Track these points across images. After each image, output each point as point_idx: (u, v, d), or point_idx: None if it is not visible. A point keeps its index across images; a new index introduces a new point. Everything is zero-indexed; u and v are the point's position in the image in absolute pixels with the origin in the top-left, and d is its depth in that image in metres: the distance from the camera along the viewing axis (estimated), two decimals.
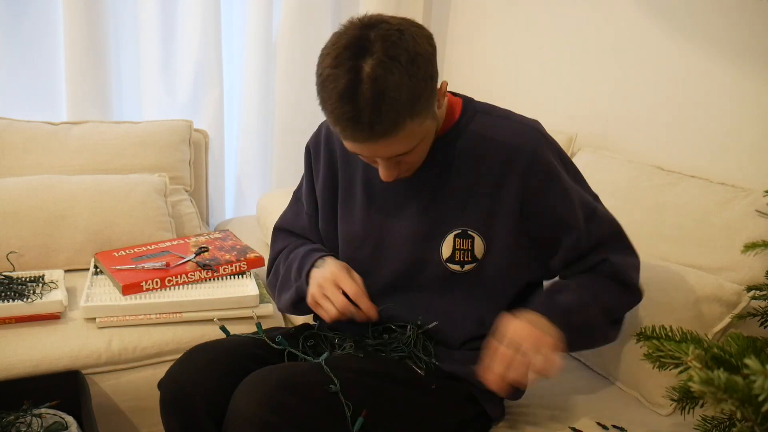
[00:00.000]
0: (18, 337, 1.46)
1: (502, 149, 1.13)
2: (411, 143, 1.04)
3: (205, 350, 1.17)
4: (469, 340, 1.20)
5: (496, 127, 1.15)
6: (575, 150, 1.90)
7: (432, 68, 1.00)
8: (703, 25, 1.62)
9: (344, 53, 0.97)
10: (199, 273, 1.64)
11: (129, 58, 2.22)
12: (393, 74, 0.95)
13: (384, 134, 0.98)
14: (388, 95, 0.95)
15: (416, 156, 1.09)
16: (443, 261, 1.17)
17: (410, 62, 0.96)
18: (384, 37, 0.96)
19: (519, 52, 2.21)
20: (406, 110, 0.97)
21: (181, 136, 2.10)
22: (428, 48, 1.00)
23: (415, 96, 0.97)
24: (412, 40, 0.97)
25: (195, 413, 1.09)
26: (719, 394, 0.64)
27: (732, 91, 1.57)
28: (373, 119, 0.96)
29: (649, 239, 1.50)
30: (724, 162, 1.59)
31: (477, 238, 1.16)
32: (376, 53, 0.95)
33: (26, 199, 1.74)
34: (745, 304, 1.31)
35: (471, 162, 1.14)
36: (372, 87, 0.95)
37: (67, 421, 1.33)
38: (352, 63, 0.96)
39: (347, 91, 0.96)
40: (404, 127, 0.99)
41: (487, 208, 1.14)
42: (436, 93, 1.04)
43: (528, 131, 1.14)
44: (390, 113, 0.96)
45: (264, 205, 2.19)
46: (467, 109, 1.17)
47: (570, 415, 1.26)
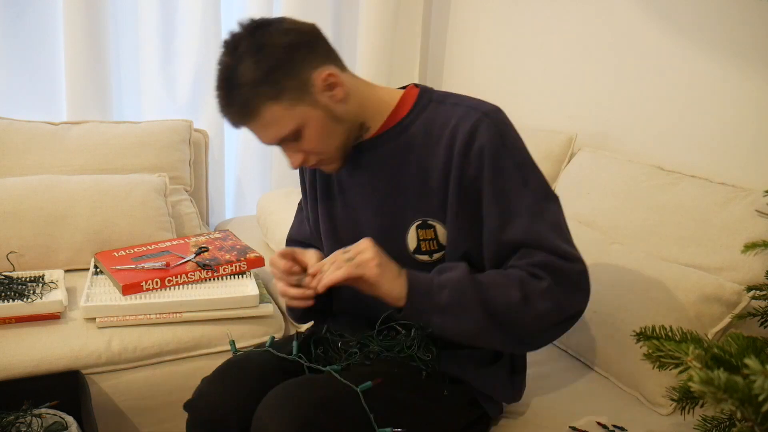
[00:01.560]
0: (18, 337, 1.46)
1: (446, 134, 1.12)
2: (283, 129, 1.08)
3: (234, 367, 1.14)
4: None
5: (445, 113, 1.14)
6: (575, 150, 1.90)
7: (284, 56, 1.06)
8: (703, 25, 1.62)
9: (223, 49, 1.09)
10: (199, 273, 1.64)
11: (129, 59, 2.22)
12: (241, 63, 1.05)
13: (241, 118, 1.08)
14: (234, 81, 1.05)
15: (312, 143, 1.11)
16: (411, 253, 1.17)
17: (255, 52, 1.04)
18: (247, 31, 1.07)
19: (519, 52, 2.21)
20: (251, 94, 1.05)
21: (181, 136, 2.10)
22: (282, 39, 1.06)
23: (257, 81, 1.04)
24: (267, 34, 1.06)
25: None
26: (719, 394, 0.64)
27: (732, 91, 1.57)
28: (226, 104, 1.08)
29: (649, 239, 1.50)
30: (724, 162, 1.59)
31: (438, 225, 1.15)
32: (239, 48, 1.06)
33: (26, 199, 1.74)
34: (745, 304, 1.31)
35: (423, 150, 1.14)
36: (227, 76, 1.06)
37: (67, 421, 1.33)
38: (223, 59, 1.08)
39: (217, 83, 1.09)
40: (260, 111, 1.06)
41: (441, 194, 1.13)
42: (306, 81, 1.07)
43: (471, 114, 1.10)
44: (237, 98, 1.06)
45: (264, 205, 2.19)
46: (421, 99, 1.17)
47: (570, 415, 1.26)
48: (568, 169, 1.84)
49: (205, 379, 1.14)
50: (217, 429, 1.08)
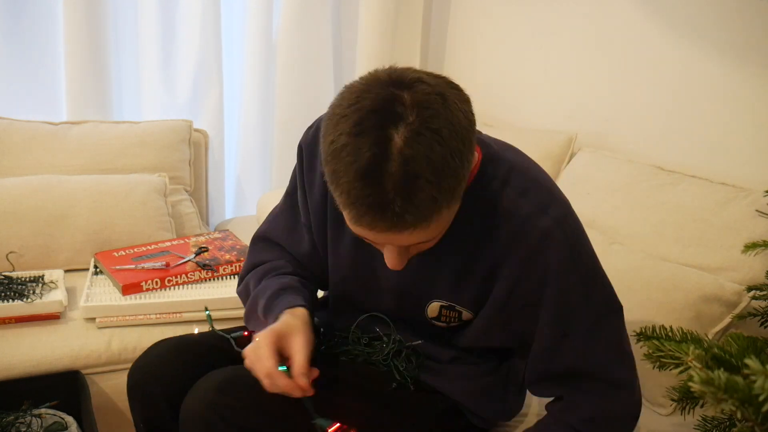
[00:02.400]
0: (18, 337, 1.46)
1: (509, 229, 0.94)
2: (438, 231, 0.86)
3: (167, 343, 1.17)
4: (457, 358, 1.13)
5: (509, 202, 0.95)
6: (575, 150, 1.90)
7: (472, 146, 0.81)
8: (704, 25, 1.62)
9: (369, 118, 0.76)
10: (199, 273, 1.64)
11: (129, 58, 2.22)
12: (434, 152, 0.75)
13: (414, 225, 0.79)
14: (426, 178, 0.75)
15: (432, 244, 0.91)
16: (428, 318, 1.07)
17: (454, 136, 0.76)
18: (421, 101, 0.77)
19: (519, 52, 2.21)
20: (444, 196, 0.78)
21: (181, 136, 2.10)
22: (471, 115, 0.82)
23: (457, 179, 0.78)
24: (454, 106, 0.79)
25: (154, 403, 1.11)
26: (719, 394, 0.64)
27: (732, 91, 1.57)
28: (404, 208, 0.76)
29: (649, 239, 1.50)
30: (724, 162, 1.59)
31: (464, 312, 1.05)
32: (410, 122, 0.75)
33: (26, 199, 1.74)
34: (745, 304, 1.31)
35: (475, 235, 0.97)
36: (405, 167, 0.75)
37: (67, 421, 1.33)
38: (378, 133, 0.75)
39: (371, 169, 0.75)
40: (440, 214, 0.80)
41: (482, 290, 1.00)
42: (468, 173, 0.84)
43: (541, 219, 0.93)
44: (426, 201, 0.76)
45: (264, 205, 2.19)
46: (484, 174, 0.96)
47: None
48: (568, 169, 1.85)
49: (143, 352, 1.16)
50: (145, 397, 1.12)
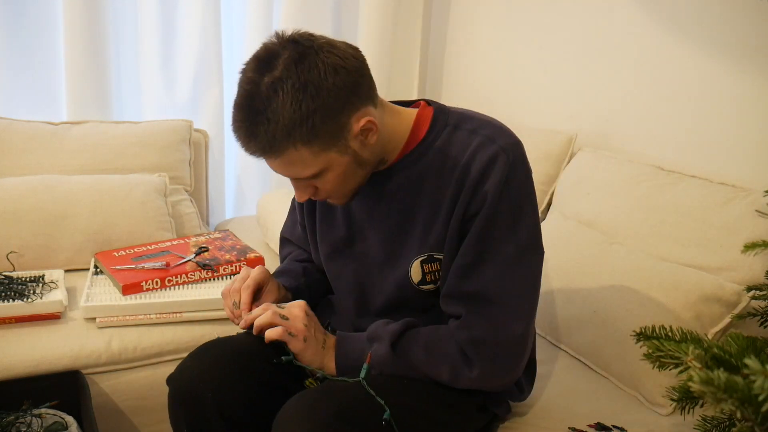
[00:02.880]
0: (18, 337, 1.46)
1: (459, 166, 1.06)
2: (305, 170, 1.02)
3: (217, 346, 1.15)
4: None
5: (461, 141, 1.08)
6: (575, 150, 1.90)
7: (329, 100, 0.96)
8: (704, 25, 1.62)
9: (252, 63, 0.98)
10: (199, 273, 1.64)
11: (129, 58, 2.22)
12: (277, 95, 0.94)
13: (262, 152, 0.99)
14: (266, 116, 0.95)
15: (328, 185, 1.05)
16: (415, 285, 1.14)
17: (299, 89, 0.94)
18: (288, 56, 0.95)
19: (519, 52, 2.21)
20: (282, 135, 0.96)
21: (181, 136, 2.10)
22: (330, 79, 0.96)
23: (293, 123, 0.95)
24: (313, 67, 0.95)
25: (204, 408, 1.08)
26: (719, 394, 0.64)
27: (732, 91, 1.57)
28: (249, 135, 0.98)
29: (649, 239, 1.50)
30: (724, 162, 1.59)
31: (443, 258, 1.11)
32: (274, 71, 0.95)
33: (26, 199, 1.74)
34: (745, 304, 1.31)
35: (436, 180, 1.09)
36: (257, 104, 0.96)
37: (67, 421, 1.33)
38: (252, 75, 0.97)
39: (239, 100, 0.98)
40: (284, 152, 0.98)
41: (450, 230, 1.08)
42: (344, 127, 0.99)
43: (487, 147, 1.05)
44: (264, 134, 0.96)
45: (264, 205, 2.19)
46: (436, 124, 1.11)
47: (570, 415, 1.26)
48: (568, 169, 1.85)
49: (189, 355, 1.15)
50: (194, 403, 1.09)
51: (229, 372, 1.10)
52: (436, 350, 1.09)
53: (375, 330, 1.12)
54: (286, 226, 1.43)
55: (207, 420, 1.09)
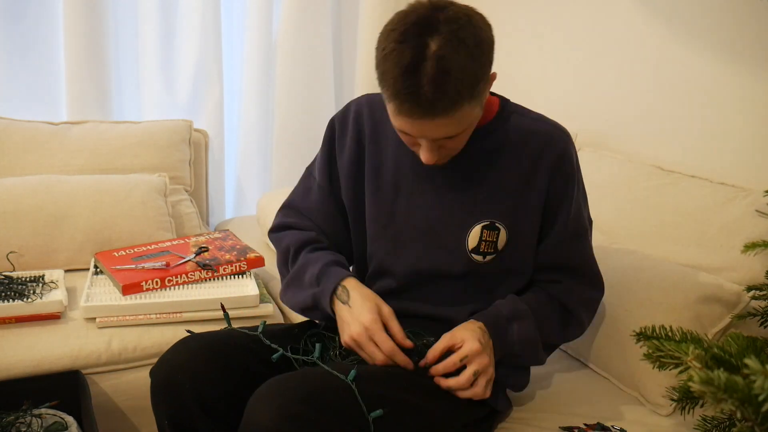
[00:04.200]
0: (18, 337, 1.46)
1: (533, 147, 1.17)
2: (462, 126, 1.05)
3: (196, 339, 1.17)
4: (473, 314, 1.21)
5: (529, 127, 1.19)
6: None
7: (492, 55, 1.04)
8: (704, 25, 1.62)
9: (412, 29, 0.98)
10: (199, 273, 1.64)
11: (129, 58, 2.22)
12: (459, 54, 0.97)
13: (443, 112, 1.00)
14: (453, 75, 0.97)
15: (459, 141, 1.10)
16: (468, 251, 1.20)
17: (476, 45, 0.99)
18: (452, 18, 0.99)
19: (519, 51, 2.21)
20: (466, 92, 0.99)
21: (181, 136, 2.10)
22: (491, 35, 1.04)
23: (476, 79, 1.00)
24: (478, 26, 1.02)
25: (183, 399, 1.10)
26: (719, 394, 0.64)
27: (732, 91, 1.57)
28: (435, 96, 0.97)
29: (649, 239, 1.50)
30: (724, 162, 1.59)
31: (503, 230, 1.19)
32: (443, 33, 0.97)
33: (26, 199, 1.74)
34: (745, 304, 1.31)
35: (504, 156, 1.18)
36: (437, 65, 0.96)
37: (67, 421, 1.33)
38: (418, 39, 0.97)
39: (411, 65, 0.97)
40: (462, 108, 1.01)
41: (515, 201, 1.18)
42: (490, 82, 1.07)
43: (559, 134, 1.19)
44: (451, 93, 0.98)
45: (264, 205, 2.19)
46: (505, 108, 1.21)
47: (570, 415, 1.26)
48: None
49: (169, 348, 1.17)
50: (173, 395, 1.11)
51: (207, 363, 1.12)
52: (551, 318, 1.23)
53: (510, 309, 1.19)
54: (295, 194, 1.39)
55: (187, 410, 1.11)
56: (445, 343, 1.13)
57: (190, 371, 1.11)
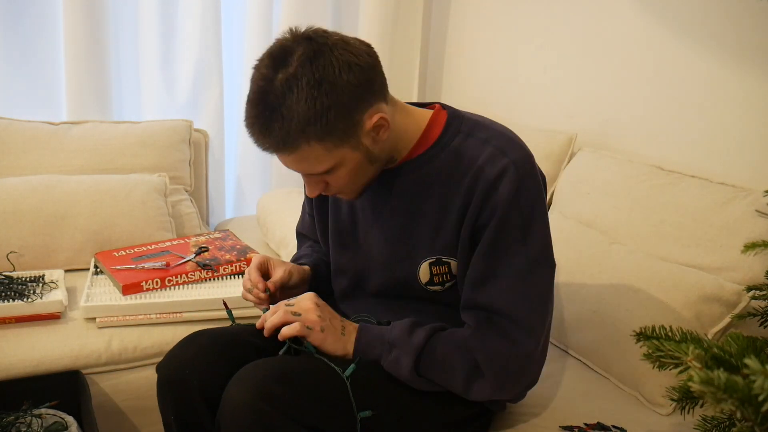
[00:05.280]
0: (18, 337, 1.46)
1: (470, 176, 1.07)
2: (317, 167, 1.03)
3: (204, 335, 1.18)
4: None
5: (471, 151, 1.08)
6: (575, 150, 1.90)
7: (343, 98, 0.98)
8: (704, 25, 1.62)
9: (267, 59, 0.99)
10: (199, 273, 1.64)
11: (129, 58, 2.22)
12: (292, 93, 0.95)
13: (275, 148, 1.00)
14: (281, 112, 0.96)
15: (339, 181, 1.07)
16: (423, 285, 1.16)
17: (313, 86, 0.95)
18: (303, 53, 0.96)
19: (519, 52, 2.21)
20: (296, 132, 0.97)
21: (181, 136, 2.10)
22: (345, 76, 0.97)
23: (307, 120, 0.96)
24: (328, 65, 0.96)
25: (189, 395, 1.11)
26: (719, 394, 0.64)
27: (732, 91, 1.57)
28: (263, 130, 0.99)
29: (649, 239, 1.50)
30: (724, 162, 1.59)
31: (451, 262, 1.13)
32: (289, 68, 0.96)
33: (26, 199, 1.74)
34: (745, 304, 1.31)
35: (444, 185, 1.10)
36: (272, 100, 0.96)
37: (67, 421, 1.33)
38: (265, 71, 0.98)
39: (254, 97, 0.99)
40: (297, 148, 0.99)
41: (456, 233, 1.10)
42: (358, 124, 1.01)
43: (497, 160, 1.05)
44: (279, 130, 0.97)
45: (264, 205, 2.19)
46: (449, 129, 1.12)
47: (570, 415, 1.26)
48: (568, 169, 1.85)
49: (177, 344, 1.18)
50: (180, 390, 1.12)
51: (214, 360, 1.13)
52: (451, 363, 1.09)
53: (398, 337, 1.10)
54: (300, 220, 1.46)
55: (193, 406, 1.11)
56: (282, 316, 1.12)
57: (197, 367, 1.12)
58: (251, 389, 1.00)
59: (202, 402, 1.11)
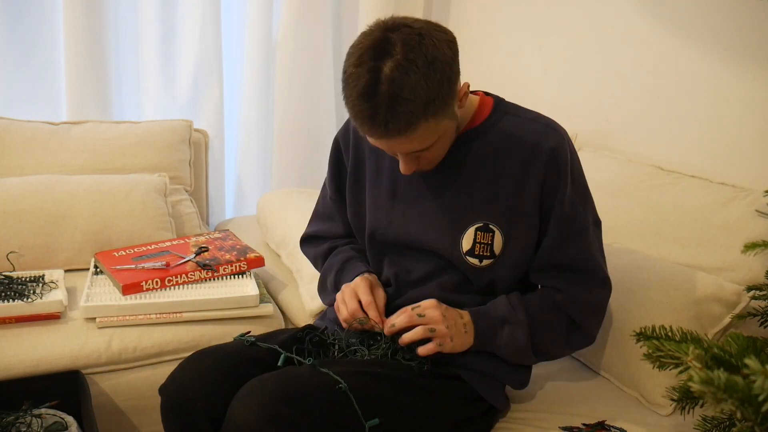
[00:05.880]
0: (18, 337, 1.46)
1: (525, 148, 1.16)
2: (427, 142, 1.08)
3: (206, 355, 1.17)
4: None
5: (522, 127, 1.18)
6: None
7: (450, 71, 1.04)
8: (704, 24, 1.62)
9: (367, 53, 1.02)
10: (199, 273, 1.64)
11: (129, 58, 2.22)
12: (409, 77, 0.99)
13: (398, 133, 1.03)
14: (403, 97, 0.99)
15: (434, 153, 1.13)
16: (463, 254, 1.20)
17: (427, 66, 1.00)
18: (405, 40, 1.01)
19: (519, 51, 2.21)
20: (420, 112, 1.01)
21: (181, 136, 2.10)
22: (447, 52, 1.03)
23: (429, 98, 1.01)
24: (432, 45, 1.01)
25: (195, 418, 1.09)
26: (719, 394, 0.64)
27: (732, 91, 1.57)
28: (387, 118, 1.01)
29: (649, 239, 1.50)
30: (724, 162, 1.59)
31: (497, 232, 1.19)
32: (396, 55, 1.00)
33: (26, 199, 1.74)
34: (745, 304, 1.31)
35: (496, 159, 1.18)
36: (389, 88, 0.99)
37: (67, 421, 1.33)
38: (372, 63, 1.01)
39: (366, 90, 1.01)
40: (418, 127, 1.03)
41: (509, 205, 1.18)
42: (456, 94, 1.07)
43: (551, 133, 1.17)
44: (404, 114, 1.00)
45: (264, 205, 2.19)
46: (497, 109, 1.21)
47: (570, 415, 1.26)
48: None
49: (179, 365, 1.17)
50: (185, 412, 1.11)
51: (218, 380, 1.11)
52: (551, 325, 1.21)
53: (507, 312, 1.19)
54: (318, 203, 1.47)
55: (198, 428, 1.10)
56: (407, 318, 1.16)
57: (201, 388, 1.10)
58: (256, 410, 1.00)
59: (207, 422, 1.10)
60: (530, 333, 1.19)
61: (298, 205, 2.04)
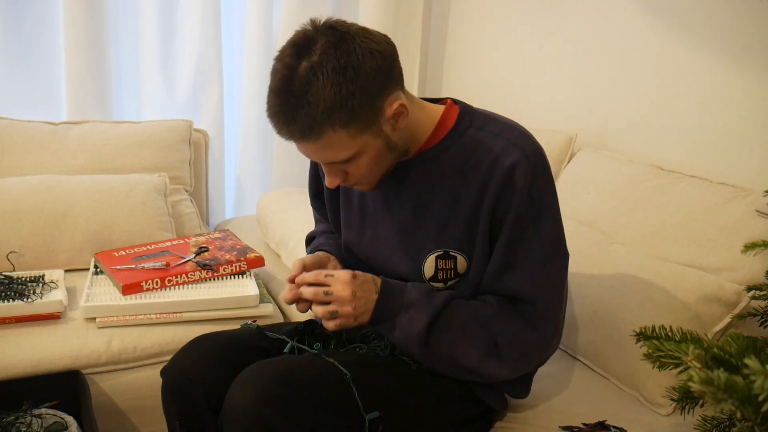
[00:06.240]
0: (18, 337, 1.46)
1: (484, 167, 1.08)
2: (341, 154, 1.03)
3: (209, 340, 1.18)
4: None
5: (483, 144, 1.10)
6: (575, 150, 1.90)
7: (367, 83, 0.98)
8: (704, 24, 1.62)
9: (289, 50, 1.00)
10: (199, 273, 1.63)
11: (129, 58, 2.22)
12: (317, 80, 0.96)
13: (301, 136, 1.00)
14: (307, 99, 0.96)
15: (360, 170, 1.07)
16: (425, 280, 1.16)
17: (338, 72, 0.96)
18: (325, 42, 0.98)
19: (519, 51, 2.21)
20: (322, 118, 0.97)
21: (181, 136, 2.10)
22: (369, 62, 0.98)
23: (333, 106, 0.97)
24: (350, 51, 0.98)
25: (194, 400, 1.11)
26: (719, 394, 0.64)
27: (732, 91, 1.57)
28: (288, 118, 0.99)
29: (649, 239, 1.50)
30: (724, 162, 1.59)
31: (459, 257, 1.14)
32: (312, 56, 0.97)
33: (26, 199, 1.74)
34: (745, 304, 1.31)
35: (455, 178, 1.11)
36: (298, 88, 0.97)
37: (67, 421, 1.33)
38: (289, 61, 0.99)
39: (278, 86, 0.99)
40: (323, 134, 0.99)
41: (469, 227, 1.11)
42: (380, 110, 1.02)
43: (512, 151, 1.07)
44: (304, 117, 0.97)
45: (264, 205, 2.19)
46: (461, 122, 1.13)
47: (570, 415, 1.26)
48: (568, 169, 1.85)
49: (182, 348, 1.18)
50: (185, 395, 1.12)
51: (219, 365, 1.13)
52: (470, 335, 1.10)
53: (418, 298, 1.10)
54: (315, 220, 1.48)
55: (197, 410, 1.11)
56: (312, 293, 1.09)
57: (202, 372, 1.12)
58: (254, 392, 1.00)
59: (207, 406, 1.11)
60: (430, 324, 1.09)
61: (298, 205, 2.04)
